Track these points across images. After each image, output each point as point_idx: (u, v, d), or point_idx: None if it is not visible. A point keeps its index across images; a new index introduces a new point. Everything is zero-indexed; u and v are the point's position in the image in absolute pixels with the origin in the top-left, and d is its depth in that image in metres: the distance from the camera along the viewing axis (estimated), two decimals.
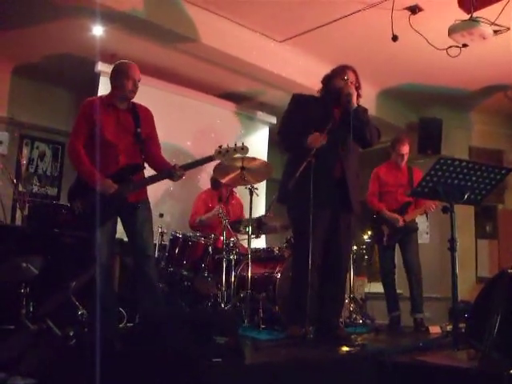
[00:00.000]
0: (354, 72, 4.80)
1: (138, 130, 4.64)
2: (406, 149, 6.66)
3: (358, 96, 4.75)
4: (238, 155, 4.95)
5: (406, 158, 6.70)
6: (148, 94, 6.11)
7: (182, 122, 7.64)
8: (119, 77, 4.64)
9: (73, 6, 5.87)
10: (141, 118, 4.70)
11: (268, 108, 8.64)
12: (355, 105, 4.63)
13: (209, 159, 4.77)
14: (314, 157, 4.29)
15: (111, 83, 4.72)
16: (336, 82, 4.74)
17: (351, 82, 4.70)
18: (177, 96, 7.69)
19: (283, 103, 5.14)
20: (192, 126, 7.78)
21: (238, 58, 6.88)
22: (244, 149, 4.88)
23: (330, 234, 4.58)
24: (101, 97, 4.89)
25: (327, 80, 4.84)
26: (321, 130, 4.41)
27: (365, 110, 4.80)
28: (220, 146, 4.79)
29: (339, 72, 4.79)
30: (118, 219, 4.66)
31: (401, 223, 6.43)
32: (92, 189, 4.40)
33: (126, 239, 4.82)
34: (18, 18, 6.22)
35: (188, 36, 6.34)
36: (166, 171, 4.64)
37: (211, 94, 8.17)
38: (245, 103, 8.60)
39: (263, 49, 7.07)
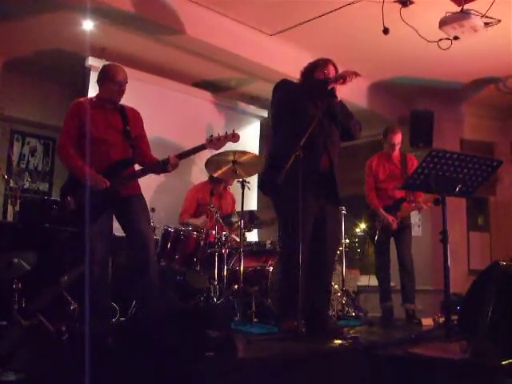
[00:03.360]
0: (334, 65, 4.78)
1: (127, 127, 4.68)
2: (397, 138, 6.65)
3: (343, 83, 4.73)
4: (229, 142, 4.93)
5: (397, 147, 6.69)
6: (138, 88, 6.10)
7: (172, 116, 7.63)
8: (105, 81, 4.68)
9: (63, 0, 5.85)
10: (129, 118, 4.74)
11: (259, 102, 8.63)
12: (338, 98, 4.62)
13: (201, 148, 4.76)
14: (299, 152, 4.27)
15: (98, 85, 4.76)
16: (318, 75, 4.71)
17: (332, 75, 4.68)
18: (166, 90, 7.67)
19: None
20: (182, 121, 7.76)
21: (228, 51, 6.86)
22: (235, 136, 4.88)
23: (318, 226, 4.57)
24: (89, 98, 4.91)
25: (308, 73, 4.80)
26: (307, 120, 4.39)
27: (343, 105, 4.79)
28: (211, 135, 4.80)
29: (320, 65, 4.75)
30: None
31: (394, 226, 6.45)
32: (84, 185, 4.40)
33: (117, 234, 4.81)
34: (8, 13, 6.19)
35: (177, 29, 6.32)
36: (159, 162, 4.66)
37: (202, 88, 8.16)
38: (236, 97, 8.60)
39: (253, 42, 7.06)
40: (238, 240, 6.01)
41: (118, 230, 4.78)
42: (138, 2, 5.93)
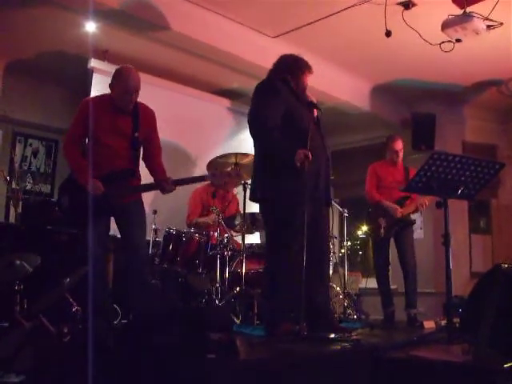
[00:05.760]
0: None
1: (136, 134, 4.59)
2: (398, 145, 6.66)
3: None
4: (231, 179, 4.81)
5: (401, 154, 6.69)
6: (142, 91, 6.10)
7: (176, 118, 7.60)
8: (118, 87, 4.53)
9: (65, 2, 5.86)
10: (140, 120, 4.63)
11: None
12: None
13: (200, 178, 4.79)
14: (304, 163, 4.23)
15: (110, 89, 4.59)
16: (305, 80, 4.67)
17: None
18: (171, 93, 7.67)
19: None
20: (186, 123, 7.76)
21: (231, 54, 6.87)
22: (239, 175, 4.80)
23: (313, 226, 4.45)
24: (101, 97, 4.77)
25: (296, 72, 4.65)
26: (298, 119, 4.42)
27: None
28: (216, 168, 4.77)
29: (307, 69, 4.69)
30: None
31: (399, 214, 6.43)
32: (81, 186, 4.42)
33: (119, 236, 4.82)
34: (10, 15, 6.20)
35: (180, 31, 6.31)
36: (157, 183, 4.67)
37: (205, 91, 8.17)
38: (238, 99, 8.59)
39: (256, 45, 7.05)
40: (240, 242, 6.00)
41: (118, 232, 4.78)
42: (141, 3, 5.93)
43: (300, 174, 4.17)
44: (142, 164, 4.83)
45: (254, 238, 7.47)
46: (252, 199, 4.70)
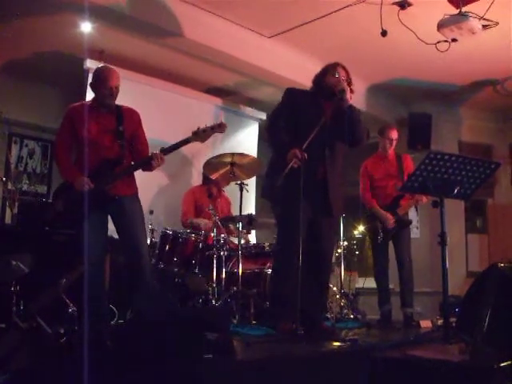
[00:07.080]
0: (344, 68, 4.75)
1: (120, 128, 4.66)
2: (395, 134, 6.63)
3: (351, 92, 4.68)
4: (215, 133, 4.85)
5: (394, 143, 6.66)
6: (135, 90, 6.11)
7: (170, 117, 7.58)
8: (97, 86, 4.68)
9: (61, 2, 5.85)
10: (124, 118, 4.72)
11: (257, 104, 8.61)
12: (349, 101, 4.60)
13: (186, 141, 4.73)
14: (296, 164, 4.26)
15: (91, 89, 4.76)
16: (328, 79, 4.70)
17: (343, 79, 4.67)
18: (164, 92, 7.64)
19: (273, 99, 5.15)
20: (180, 122, 7.69)
21: (226, 53, 6.86)
22: (221, 126, 4.79)
23: (312, 235, 4.53)
24: (85, 102, 4.94)
25: (319, 78, 4.79)
26: (312, 127, 4.36)
27: (358, 110, 4.76)
28: (198, 127, 4.74)
29: (330, 69, 4.75)
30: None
31: (391, 225, 6.42)
32: (74, 188, 4.47)
33: (116, 236, 4.81)
34: (5, 15, 6.18)
35: (176, 32, 6.31)
36: (145, 159, 4.65)
37: (200, 90, 8.15)
38: (234, 99, 8.59)
39: (252, 44, 7.05)
40: (236, 242, 6.00)
41: (115, 232, 4.77)
42: (136, 4, 5.92)
43: (293, 175, 4.20)
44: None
45: (250, 238, 7.47)
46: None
